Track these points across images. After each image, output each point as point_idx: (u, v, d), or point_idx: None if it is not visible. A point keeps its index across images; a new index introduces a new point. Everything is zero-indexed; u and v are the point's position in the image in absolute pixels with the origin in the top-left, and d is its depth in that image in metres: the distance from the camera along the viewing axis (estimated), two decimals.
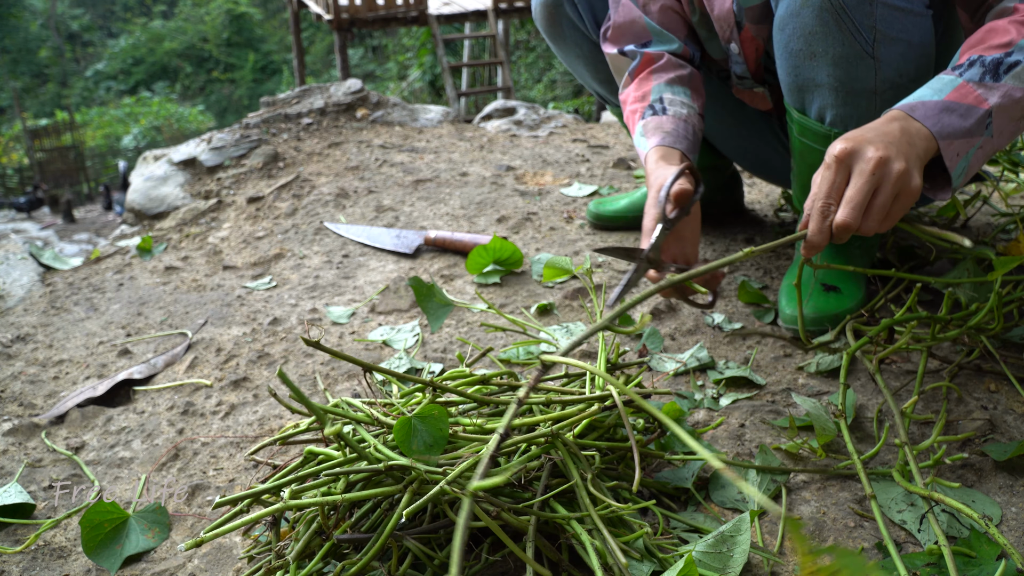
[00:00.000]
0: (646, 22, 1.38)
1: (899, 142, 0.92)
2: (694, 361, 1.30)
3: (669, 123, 1.29)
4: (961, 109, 0.95)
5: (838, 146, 0.92)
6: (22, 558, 1.02)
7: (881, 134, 0.92)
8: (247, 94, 23.28)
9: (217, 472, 1.17)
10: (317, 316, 1.63)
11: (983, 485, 0.99)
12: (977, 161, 0.98)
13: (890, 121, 0.95)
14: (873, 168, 0.90)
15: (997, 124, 0.96)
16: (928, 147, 0.94)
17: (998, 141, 0.98)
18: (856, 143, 0.91)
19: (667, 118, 1.29)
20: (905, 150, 0.92)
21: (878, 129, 0.93)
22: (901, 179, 0.90)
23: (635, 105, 1.34)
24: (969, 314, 1.16)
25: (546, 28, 1.60)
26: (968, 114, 0.95)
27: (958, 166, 0.97)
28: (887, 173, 0.90)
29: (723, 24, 1.33)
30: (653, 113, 1.31)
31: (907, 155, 0.91)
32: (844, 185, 0.92)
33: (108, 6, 29.35)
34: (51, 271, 2.12)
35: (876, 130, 0.93)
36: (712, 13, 1.33)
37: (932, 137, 0.94)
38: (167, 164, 2.75)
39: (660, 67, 1.36)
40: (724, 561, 0.83)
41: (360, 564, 0.82)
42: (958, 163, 0.96)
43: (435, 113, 3.30)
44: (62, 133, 19.02)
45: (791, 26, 1.15)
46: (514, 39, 13.54)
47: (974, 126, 0.95)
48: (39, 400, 1.43)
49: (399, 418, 0.87)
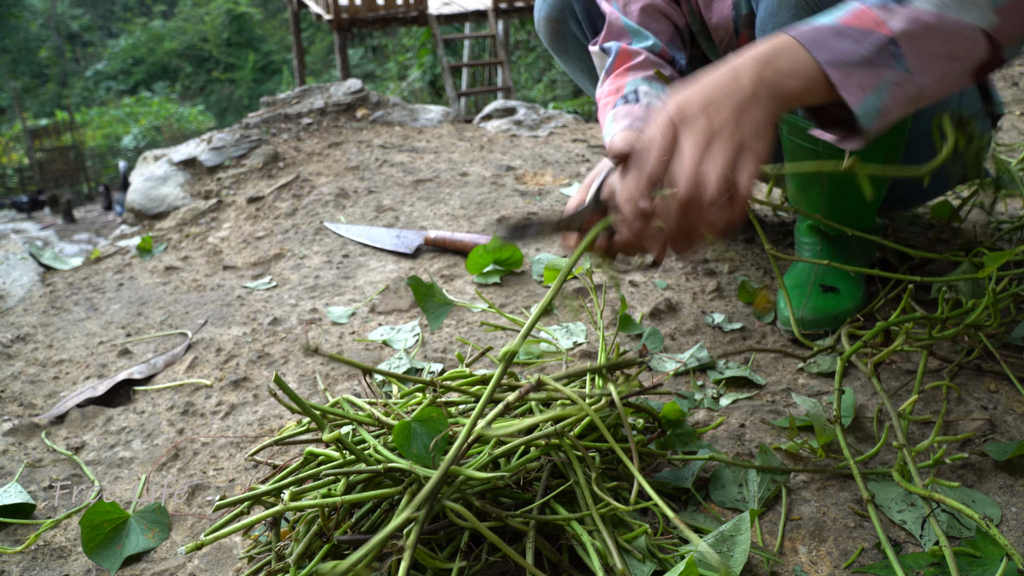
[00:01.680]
0: (623, 22, 1.36)
1: (741, 100, 0.80)
2: (694, 361, 1.30)
3: (640, 110, 1.22)
4: (854, 33, 0.81)
5: (669, 107, 0.81)
6: (22, 558, 1.02)
7: (722, 89, 0.80)
8: (247, 94, 23.28)
9: (217, 472, 1.17)
10: (317, 316, 1.63)
11: (983, 485, 0.99)
12: (896, 101, 0.83)
13: (753, 60, 0.81)
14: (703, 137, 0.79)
15: (912, 57, 0.82)
16: (807, 79, 0.81)
17: (922, 80, 0.83)
18: (690, 105, 0.80)
19: (639, 106, 1.23)
20: (746, 109, 0.79)
21: (721, 81, 0.81)
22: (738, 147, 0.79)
23: (608, 98, 1.29)
24: (965, 312, 1.16)
25: (550, 42, 1.59)
26: (862, 38, 0.81)
27: (866, 102, 0.82)
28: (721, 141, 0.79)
29: (721, 32, 1.32)
30: (625, 102, 1.25)
31: (747, 116, 0.79)
32: (670, 150, 0.81)
33: (108, 6, 29.34)
34: (51, 271, 2.12)
35: (718, 83, 0.80)
36: (710, 22, 1.32)
37: (815, 64, 0.81)
38: (167, 164, 2.75)
39: (638, 64, 1.32)
40: (724, 561, 0.83)
41: (360, 565, 0.82)
42: (865, 99, 0.82)
43: (435, 113, 3.30)
44: (62, 133, 19.03)
45: (771, 26, 1.15)
46: (514, 39, 13.54)
47: (874, 55, 0.81)
48: (39, 400, 1.43)
49: (398, 421, 0.87)
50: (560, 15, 1.53)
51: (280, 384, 0.80)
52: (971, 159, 1.15)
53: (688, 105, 0.81)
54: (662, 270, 1.67)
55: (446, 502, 0.81)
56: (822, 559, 0.90)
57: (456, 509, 0.80)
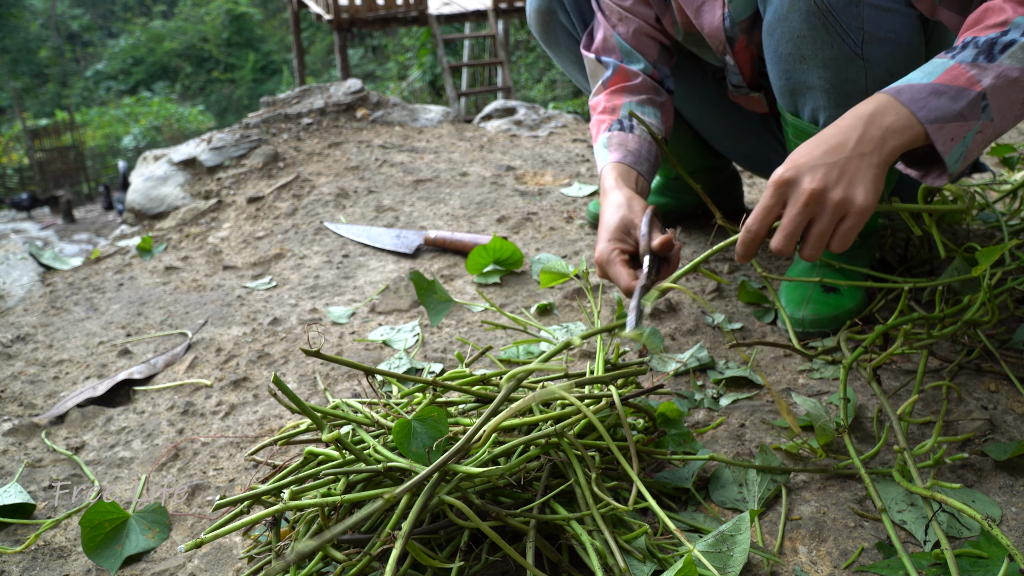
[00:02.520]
0: (617, 40, 1.39)
1: (847, 161, 0.90)
2: (694, 361, 1.30)
3: (634, 142, 1.29)
4: (952, 92, 0.91)
5: (778, 172, 0.92)
6: (22, 558, 1.02)
7: (829, 151, 0.91)
8: (247, 94, 23.27)
9: (217, 472, 1.17)
10: (317, 316, 1.63)
11: (983, 485, 0.99)
12: (977, 145, 0.95)
13: (858, 119, 0.92)
14: (805, 201, 0.90)
15: (995, 106, 0.92)
16: (909, 136, 0.91)
17: (1000, 124, 0.94)
18: (796, 171, 0.91)
19: (633, 136, 1.29)
20: (851, 170, 0.90)
21: (830, 143, 0.92)
22: (839, 208, 0.90)
23: (604, 116, 1.35)
24: (962, 309, 1.16)
25: (540, 35, 1.61)
26: (959, 96, 0.91)
27: (954, 151, 0.93)
28: (822, 205, 0.91)
29: (715, 41, 1.33)
30: (620, 128, 1.31)
31: (852, 176, 0.90)
32: (778, 211, 0.93)
33: (108, 6, 29.34)
34: (51, 271, 2.12)
35: (826, 145, 0.92)
36: (703, 31, 1.32)
37: (917, 123, 0.91)
38: (167, 164, 2.75)
39: (634, 87, 1.36)
40: (724, 561, 0.83)
41: (360, 564, 0.82)
42: (954, 148, 0.93)
43: (435, 113, 3.30)
44: (62, 133, 19.02)
45: (779, 30, 1.15)
46: (514, 39, 13.54)
47: (966, 109, 0.91)
48: (39, 400, 1.43)
49: (398, 420, 0.87)
50: (549, 7, 1.54)
51: (279, 385, 0.80)
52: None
53: (799, 169, 0.92)
54: None
55: (445, 497, 0.81)
56: (822, 559, 0.90)
57: (456, 505, 0.80)
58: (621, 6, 1.36)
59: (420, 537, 0.86)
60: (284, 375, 1.42)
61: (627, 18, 1.37)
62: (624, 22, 1.37)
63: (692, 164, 1.76)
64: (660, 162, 1.32)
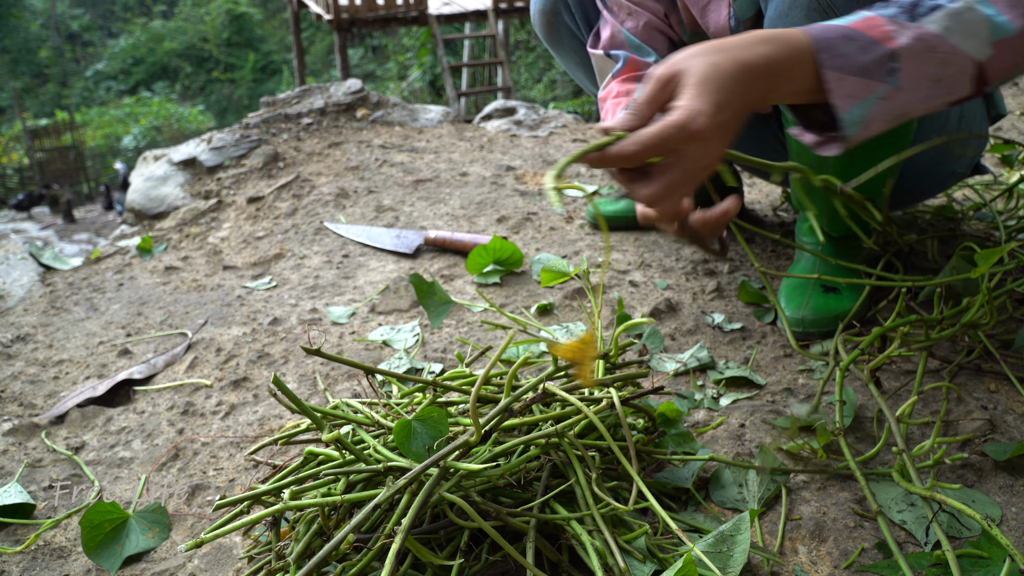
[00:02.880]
0: (625, 35, 1.39)
1: (734, 121, 0.79)
2: (694, 361, 1.30)
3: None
4: (863, 40, 0.82)
5: (700, 120, 0.77)
6: (22, 558, 1.02)
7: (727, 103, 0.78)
8: (247, 94, 23.27)
9: (217, 472, 1.17)
10: (317, 316, 1.63)
11: (983, 485, 0.99)
12: (879, 114, 0.84)
13: (764, 43, 0.81)
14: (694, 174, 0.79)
15: (906, 73, 0.83)
16: (806, 79, 0.82)
17: (907, 98, 0.84)
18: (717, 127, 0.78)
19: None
20: (732, 129, 0.79)
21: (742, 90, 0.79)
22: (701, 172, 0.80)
23: (618, 99, 1.33)
24: (961, 311, 1.16)
25: (545, 35, 1.61)
26: (868, 48, 0.82)
27: (852, 110, 0.83)
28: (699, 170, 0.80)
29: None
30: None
31: (727, 134, 0.80)
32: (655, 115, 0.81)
33: (108, 6, 29.34)
34: (51, 271, 2.12)
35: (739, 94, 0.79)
36: (708, 30, 1.33)
37: (815, 67, 0.81)
38: (167, 164, 2.75)
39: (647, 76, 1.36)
40: (724, 561, 0.83)
41: (360, 565, 0.82)
42: (852, 107, 0.82)
43: (435, 113, 3.30)
44: (62, 133, 19.02)
45: (780, 27, 1.15)
46: (514, 39, 13.54)
47: (873, 64, 0.82)
48: (39, 400, 1.43)
49: (399, 420, 0.87)
50: (554, 7, 1.54)
51: (279, 385, 0.80)
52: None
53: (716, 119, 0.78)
54: (662, 270, 1.67)
55: (445, 494, 0.81)
56: (822, 559, 0.90)
57: (456, 502, 0.80)
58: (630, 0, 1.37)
59: (420, 536, 0.86)
60: (284, 375, 1.42)
61: (636, 12, 1.36)
62: (633, 16, 1.37)
63: None
64: None
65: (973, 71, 0.85)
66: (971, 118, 1.36)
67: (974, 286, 1.22)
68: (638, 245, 1.81)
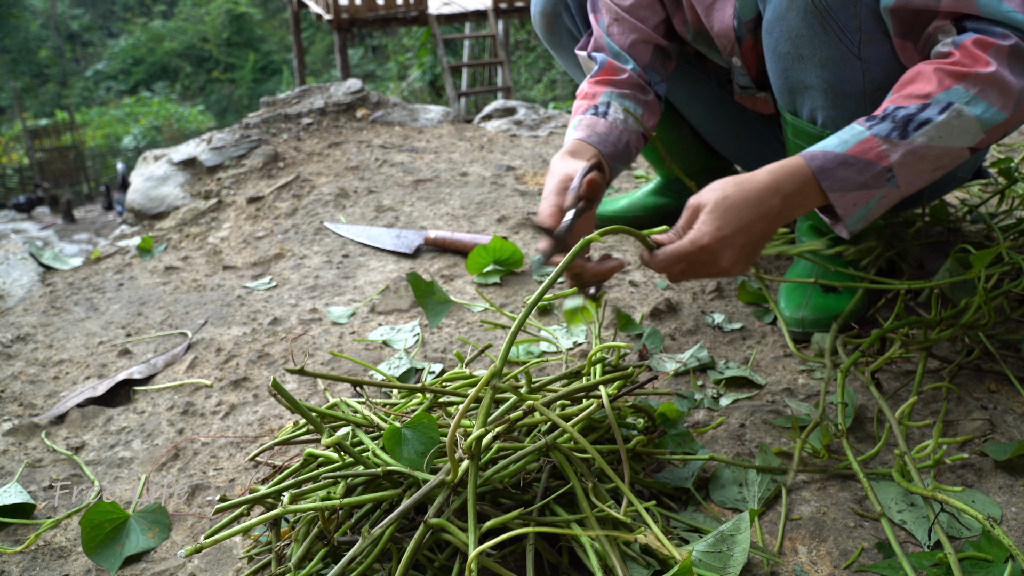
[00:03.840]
0: (606, 41, 1.38)
1: (755, 244, 0.99)
2: (694, 361, 1.30)
3: (603, 126, 1.28)
4: (860, 164, 0.97)
5: (707, 232, 0.98)
6: (22, 558, 1.02)
7: (745, 229, 0.98)
8: (247, 94, 23.27)
9: (217, 472, 1.17)
10: (317, 316, 1.63)
11: (983, 485, 0.99)
12: (880, 207, 1.01)
13: (774, 193, 0.98)
14: (708, 272, 1.01)
15: (902, 176, 0.97)
16: (812, 205, 1.00)
17: (906, 190, 0.99)
18: (720, 244, 0.98)
19: (603, 121, 1.29)
20: (751, 251, 1.00)
21: (751, 220, 0.98)
22: (719, 272, 1.01)
23: (582, 102, 1.34)
24: (959, 312, 1.16)
25: (545, 36, 1.61)
26: (866, 169, 0.97)
27: (855, 214, 1.00)
28: (712, 269, 1.00)
29: (724, 41, 1.32)
30: (594, 113, 1.30)
31: (748, 256, 1.00)
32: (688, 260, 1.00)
33: (108, 6, 29.34)
34: (51, 271, 2.12)
35: (747, 221, 0.97)
36: (712, 31, 1.32)
37: (821, 193, 0.98)
38: (167, 164, 2.75)
39: (620, 81, 1.34)
40: (724, 561, 0.83)
41: (362, 567, 0.82)
42: (855, 212, 1.00)
43: (435, 113, 3.30)
44: (62, 133, 19.02)
45: (778, 29, 1.15)
46: (514, 39, 13.54)
47: (871, 180, 0.97)
48: (39, 400, 1.43)
49: (388, 427, 0.87)
50: (554, 9, 1.54)
51: (278, 388, 0.80)
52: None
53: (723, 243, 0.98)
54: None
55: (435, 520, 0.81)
56: (822, 559, 0.90)
57: (448, 528, 0.80)
58: (620, 6, 1.35)
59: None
60: (283, 375, 1.42)
61: (623, 19, 1.35)
62: (619, 23, 1.36)
63: (694, 165, 1.76)
64: (633, 151, 1.31)
65: (967, 155, 0.98)
66: None
67: (969, 288, 1.22)
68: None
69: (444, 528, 0.80)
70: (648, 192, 1.88)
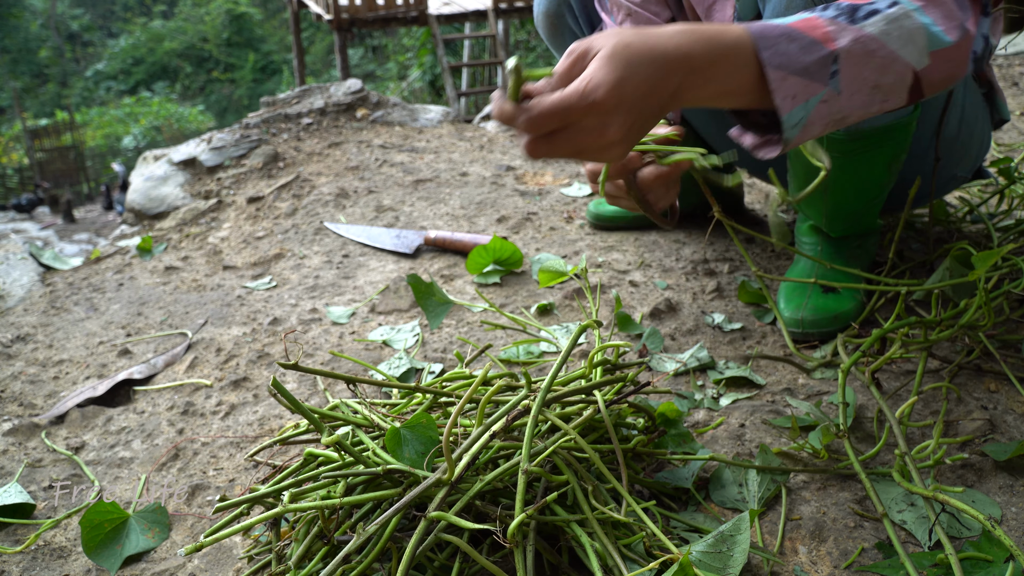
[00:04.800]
0: None
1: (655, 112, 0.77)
2: (694, 361, 1.30)
3: None
4: (804, 41, 0.80)
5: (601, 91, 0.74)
6: (22, 558, 1.02)
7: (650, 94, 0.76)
8: (247, 94, 23.27)
9: (217, 472, 1.17)
10: (317, 316, 1.63)
11: (983, 485, 0.99)
12: (819, 118, 0.83)
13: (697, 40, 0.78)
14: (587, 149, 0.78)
15: (846, 76, 0.82)
16: (746, 78, 0.80)
17: (846, 103, 0.83)
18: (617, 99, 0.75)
19: None
20: (648, 122, 0.78)
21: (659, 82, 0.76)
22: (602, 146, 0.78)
23: None
24: (959, 312, 1.16)
25: (548, 37, 1.61)
26: (810, 49, 0.80)
27: (794, 111, 0.81)
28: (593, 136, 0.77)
29: None
30: None
31: (642, 127, 0.78)
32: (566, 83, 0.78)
33: (108, 6, 29.34)
34: (51, 271, 2.12)
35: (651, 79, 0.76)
36: None
37: (757, 66, 0.80)
38: (167, 164, 2.75)
39: None
40: (724, 561, 0.83)
41: (361, 567, 0.82)
42: (794, 107, 0.81)
43: (435, 113, 3.30)
44: (62, 133, 19.02)
45: None
46: (514, 39, 13.53)
47: (814, 66, 0.80)
48: (39, 400, 1.43)
49: (390, 428, 0.87)
50: (558, 9, 1.54)
51: (278, 388, 0.80)
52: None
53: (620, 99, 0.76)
54: (662, 270, 1.67)
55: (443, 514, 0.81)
56: (822, 559, 0.90)
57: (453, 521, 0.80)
58: (632, 2, 1.35)
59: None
60: (284, 375, 1.42)
61: (636, 14, 1.35)
62: (633, 18, 1.36)
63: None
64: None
65: (911, 80, 0.85)
66: (972, 123, 1.36)
67: (968, 288, 1.22)
68: (638, 245, 1.81)
69: (443, 519, 0.80)
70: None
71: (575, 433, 0.90)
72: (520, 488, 0.79)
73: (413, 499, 0.80)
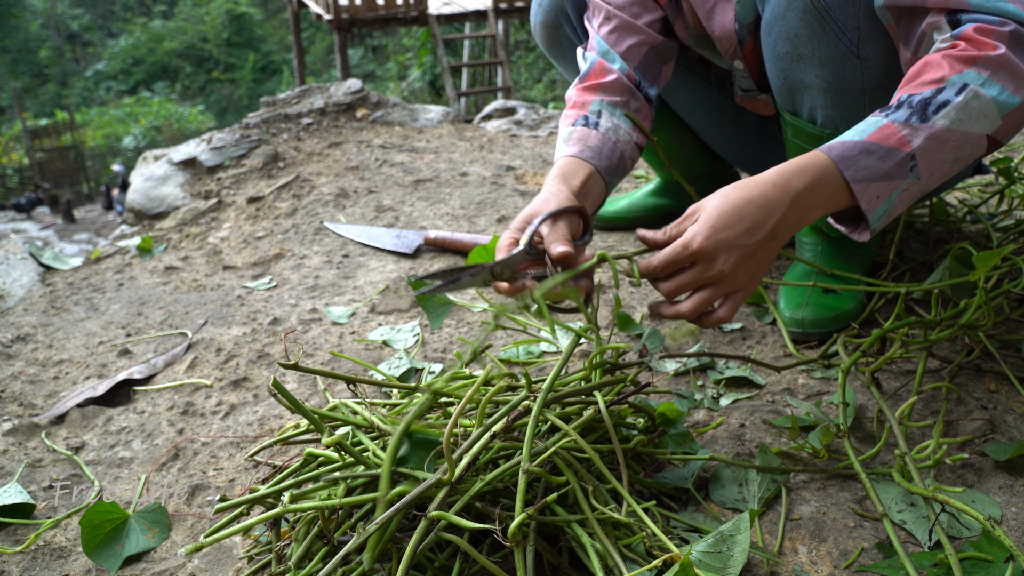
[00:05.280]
0: (597, 40, 1.32)
1: (761, 245, 0.90)
2: (694, 361, 1.30)
3: (595, 139, 1.20)
4: (881, 151, 0.91)
5: (698, 237, 0.89)
6: (22, 558, 1.02)
7: (750, 231, 0.90)
8: (247, 94, 23.27)
9: (217, 472, 1.17)
10: (317, 316, 1.63)
11: (983, 485, 0.99)
12: (902, 203, 0.95)
13: (786, 192, 0.91)
14: (712, 278, 0.91)
15: (924, 166, 0.92)
16: (833, 204, 0.93)
17: (927, 182, 0.94)
18: (714, 247, 0.89)
19: (595, 133, 1.21)
20: (762, 256, 0.91)
21: (754, 219, 0.90)
22: (738, 288, 0.92)
23: (571, 111, 1.26)
24: (959, 312, 1.16)
25: (547, 47, 1.60)
26: (888, 156, 0.91)
27: (878, 209, 0.93)
28: (725, 283, 0.91)
29: (726, 44, 1.31)
30: (584, 124, 1.22)
31: (760, 262, 0.91)
32: (683, 267, 0.92)
33: (108, 6, 29.34)
34: (51, 271, 2.12)
35: (750, 222, 0.90)
36: (713, 34, 1.31)
37: (844, 184, 0.91)
38: (167, 164, 2.75)
39: (608, 84, 1.27)
40: (724, 561, 0.83)
41: (362, 567, 0.82)
42: (878, 206, 0.93)
43: (435, 113, 3.30)
44: (62, 133, 19.03)
45: (777, 29, 1.15)
46: (514, 39, 13.54)
47: (894, 169, 0.91)
48: (39, 400, 1.43)
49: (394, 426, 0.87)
50: (555, 20, 1.53)
51: (278, 388, 0.80)
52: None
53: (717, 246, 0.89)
54: None
55: (445, 514, 0.81)
56: (822, 559, 0.90)
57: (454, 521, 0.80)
58: (611, 4, 1.32)
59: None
60: (284, 376, 1.42)
61: (614, 15, 1.31)
62: (610, 21, 1.31)
63: (695, 169, 1.76)
64: (628, 162, 1.24)
65: (987, 144, 0.94)
66: None
67: (968, 288, 1.22)
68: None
69: (443, 519, 0.80)
70: (648, 193, 1.88)
71: (575, 433, 0.90)
72: (520, 488, 0.80)
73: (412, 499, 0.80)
